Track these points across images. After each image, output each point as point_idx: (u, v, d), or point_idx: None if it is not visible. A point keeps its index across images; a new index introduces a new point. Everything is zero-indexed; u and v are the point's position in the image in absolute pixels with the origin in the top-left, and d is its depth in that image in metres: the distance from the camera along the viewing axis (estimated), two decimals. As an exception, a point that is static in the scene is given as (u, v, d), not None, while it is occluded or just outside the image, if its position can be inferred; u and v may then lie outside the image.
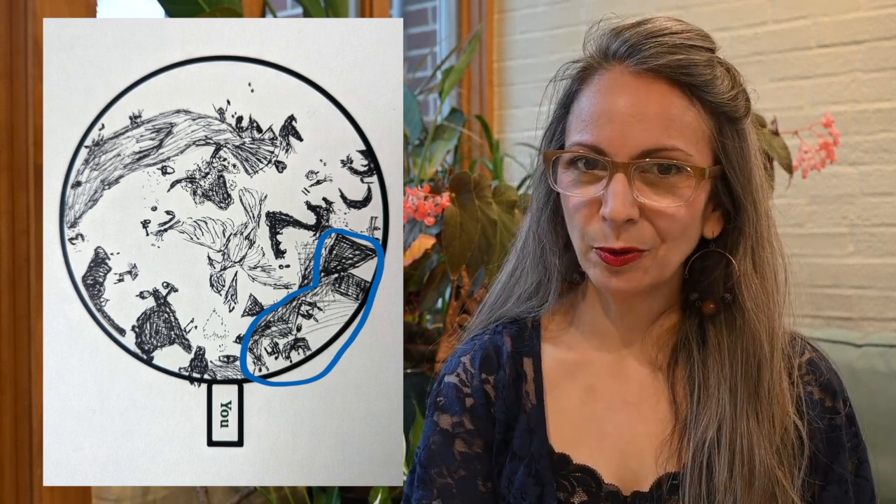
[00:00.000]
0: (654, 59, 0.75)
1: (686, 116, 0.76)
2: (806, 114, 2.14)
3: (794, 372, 0.81)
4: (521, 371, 0.86)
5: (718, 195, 0.79)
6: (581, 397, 0.84)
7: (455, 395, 0.86)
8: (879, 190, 2.08)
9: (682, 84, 0.76)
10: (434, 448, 0.85)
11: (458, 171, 1.40)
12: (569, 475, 0.81)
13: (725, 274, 0.81)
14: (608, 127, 0.76)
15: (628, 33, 0.78)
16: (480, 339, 0.89)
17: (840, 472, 0.80)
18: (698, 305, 0.82)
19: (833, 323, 2.13)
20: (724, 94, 0.77)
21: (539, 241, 0.86)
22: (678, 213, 0.75)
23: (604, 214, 0.75)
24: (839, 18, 2.12)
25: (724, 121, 0.78)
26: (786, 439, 0.78)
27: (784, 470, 0.77)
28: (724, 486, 0.76)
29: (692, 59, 0.76)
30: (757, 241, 0.80)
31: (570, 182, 0.78)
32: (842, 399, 0.82)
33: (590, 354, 0.85)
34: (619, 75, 0.77)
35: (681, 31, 0.77)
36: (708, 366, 0.80)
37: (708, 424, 0.78)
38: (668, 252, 0.77)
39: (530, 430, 0.83)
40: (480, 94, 2.67)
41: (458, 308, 1.50)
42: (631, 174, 0.74)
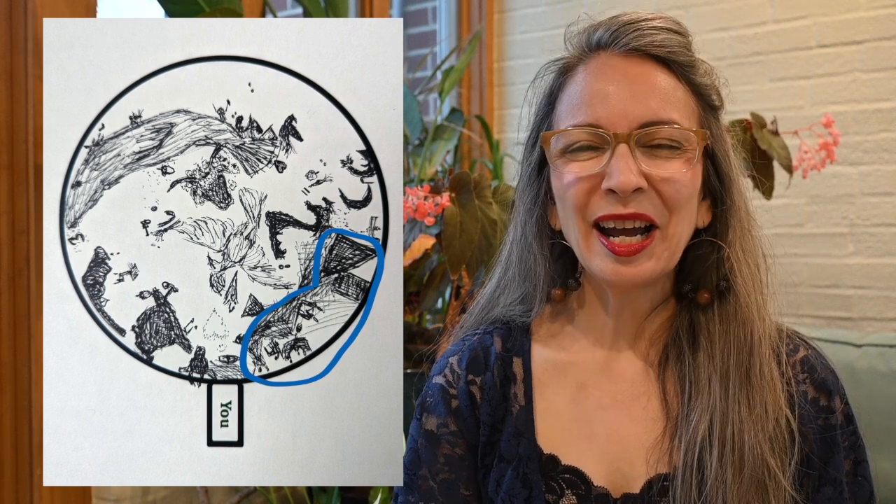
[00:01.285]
0: (636, 41, 0.77)
1: (677, 92, 0.77)
2: (806, 114, 2.14)
3: (782, 358, 0.81)
4: (511, 372, 0.85)
5: (709, 179, 0.80)
6: (571, 396, 0.83)
7: (441, 396, 0.86)
8: (879, 190, 2.08)
9: (667, 62, 0.78)
10: (419, 450, 0.85)
11: (458, 171, 1.40)
12: (557, 477, 0.80)
13: (717, 262, 0.81)
14: (603, 105, 0.76)
15: (607, 23, 0.80)
16: (469, 339, 0.89)
17: (834, 474, 0.79)
18: (692, 297, 0.82)
19: (833, 323, 2.13)
20: (704, 78, 0.80)
21: (528, 248, 0.85)
22: (684, 178, 0.75)
23: (610, 186, 0.74)
24: (839, 18, 2.12)
25: (706, 104, 0.80)
26: (777, 429, 0.77)
27: (776, 458, 0.76)
28: (715, 477, 0.75)
29: (672, 40, 0.78)
30: (742, 227, 0.81)
31: (567, 162, 0.78)
32: (838, 397, 0.81)
33: (581, 353, 0.85)
34: (605, 60, 0.78)
35: (656, 17, 0.80)
36: (699, 362, 0.79)
37: (699, 420, 0.77)
38: (676, 228, 0.77)
39: (518, 433, 0.82)
40: (480, 94, 2.67)
41: (458, 308, 1.50)
42: (633, 144, 0.74)
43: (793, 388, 0.80)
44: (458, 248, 1.31)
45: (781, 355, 0.81)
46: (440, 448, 0.84)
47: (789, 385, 0.80)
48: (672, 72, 0.78)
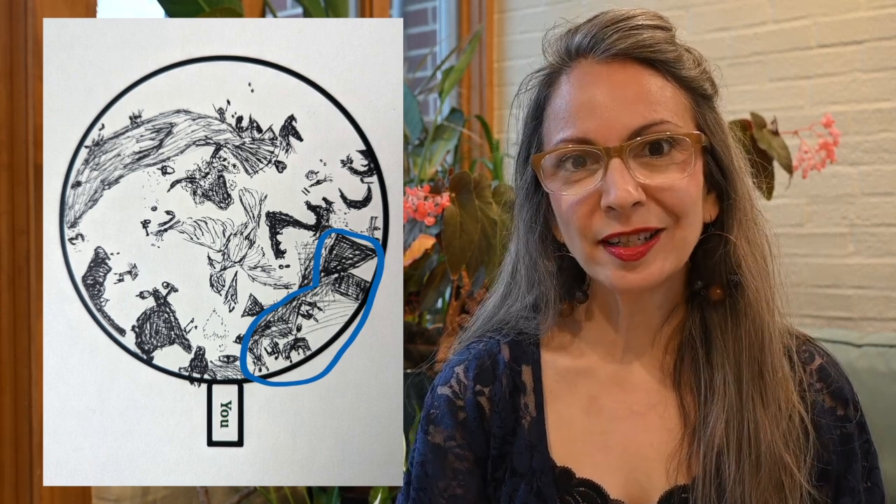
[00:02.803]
0: (618, 44, 0.74)
1: (665, 91, 0.75)
2: (806, 114, 2.14)
3: (793, 355, 0.80)
4: (520, 381, 0.82)
5: (711, 174, 0.78)
6: (583, 408, 0.81)
7: (448, 408, 0.83)
8: (879, 190, 2.08)
9: (651, 62, 0.75)
10: (426, 464, 0.83)
11: (458, 171, 1.40)
12: (572, 490, 0.77)
13: (724, 256, 0.79)
14: (590, 118, 0.74)
15: (586, 27, 0.77)
16: (475, 347, 0.86)
17: (853, 483, 0.79)
18: (703, 294, 0.80)
19: (833, 323, 2.13)
20: (692, 71, 0.77)
21: (532, 262, 0.83)
22: (683, 184, 0.73)
23: (608, 204, 0.72)
24: (839, 18, 2.12)
25: (698, 96, 0.77)
26: (791, 425, 0.76)
27: (791, 454, 0.75)
28: (733, 479, 0.74)
29: (655, 37, 0.75)
30: (747, 220, 0.79)
31: (562, 185, 0.76)
32: (853, 405, 0.81)
33: (592, 363, 0.83)
34: (588, 68, 0.76)
35: (637, 14, 0.77)
36: (713, 362, 0.78)
37: (716, 424, 0.75)
38: (684, 231, 0.75)
39: (530, 446, 0.80)
40: (480, 94, 2.67)
41: (458, 308, 1.50)
42: (626, 157, 0.72)
43: (809, 394, 0.79)
44: (458, 248, 1.31)
45: (792, 352, 0.80)
46: (448, 462, 0.82)
47: (806, 390, 0.79)
48: (658, 71, 0.75)
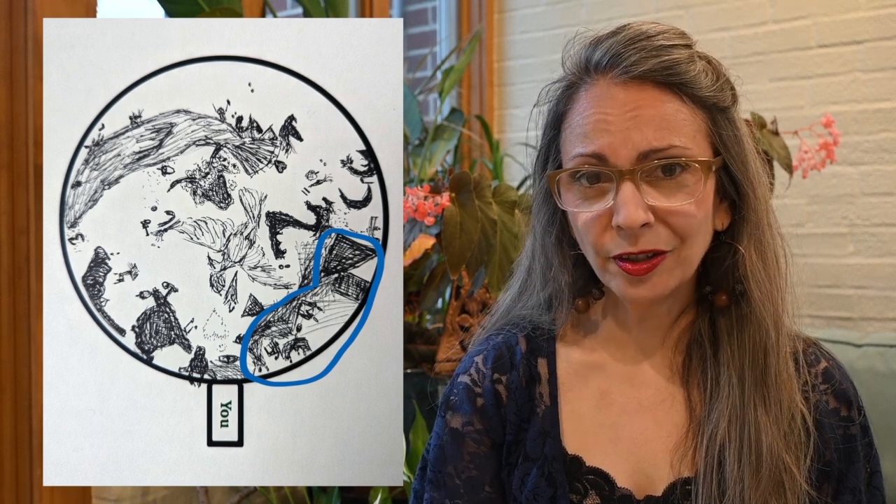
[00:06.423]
0: (638, 66, 0.75)
1: (680, 114, 0.76)
2: (806, 114, 2.14)
3: (799, 358, 0.81)
4: (536, 372, 0.85)
5: (724, 187, 0.80)
6: (595, 401, 0.84)
7: (466, 395, 0.86)
8: (879, 190, 2.08)
9: (669, 84, 0.76)
10: (444, 447, 0.85)
11: (458, 171, 1.40)
12: (582, 477, 0.81)
13: (733, 263, 0.80)
14: (605, 135, 0.75)
15: (607, 43, 0.77)
16: (494, 339, 0.89)
17: (854, 483, 0.81)
18: (711, 298, 0.82)
19: (833, 323, 2.13)
20: (711, 87, 0.77)
21: (547, 262, 0.85)
22: (691, 209, 0.75)
23: (618, 224, 0.74)
24: (839, 18, 2.12)
25: (716, 112, 0.78)
26: (793, 425, 0.78)
27: (791, 455, 0.77)
28: (733, 477, 0.76)
29: (675, 59, 0.76)
30: (758, 226, 0.80)
31: (576, 200, 0.78)
32: (856, 408, 0.82)
33: (604, 359, 0.85)
34: (606, 88, 0.77)
35: (658, 33, 0.77)
36: (720, 361, 0.80)
37: (719, 421, 0.78)
38: (690, 250, 0.77)
39: (544, 433, 0.83)
40: (480, 94, 2.67)
41: (458, 308, 1.50)
42: (637, 179, 0.74)
43: (813, 394, 0.81)
44: (458, 248, 1.31)
45: (798, 354, 0.82)
46: (465, 446, 0.85)
47: (810, 391, 0.81)
48: (675, 93, 0.76)
